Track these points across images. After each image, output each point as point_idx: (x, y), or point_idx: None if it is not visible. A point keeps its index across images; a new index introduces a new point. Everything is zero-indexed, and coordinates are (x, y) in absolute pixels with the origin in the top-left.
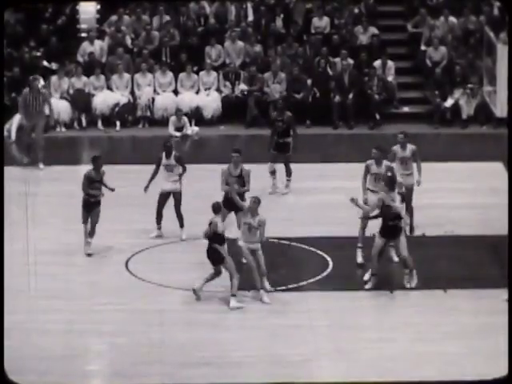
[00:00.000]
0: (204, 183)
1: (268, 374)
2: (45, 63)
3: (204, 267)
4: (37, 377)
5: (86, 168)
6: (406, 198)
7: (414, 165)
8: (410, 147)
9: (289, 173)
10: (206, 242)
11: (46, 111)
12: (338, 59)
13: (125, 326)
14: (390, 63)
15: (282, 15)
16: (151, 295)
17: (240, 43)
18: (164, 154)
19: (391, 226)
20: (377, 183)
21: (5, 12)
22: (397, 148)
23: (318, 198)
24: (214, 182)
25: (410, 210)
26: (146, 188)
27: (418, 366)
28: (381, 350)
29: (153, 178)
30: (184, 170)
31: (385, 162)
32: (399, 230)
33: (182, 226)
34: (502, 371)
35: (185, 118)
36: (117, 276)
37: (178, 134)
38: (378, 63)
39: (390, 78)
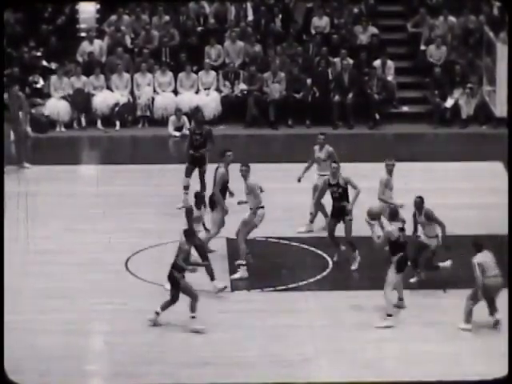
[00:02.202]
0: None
1: (267, 374)
2: (44, 63)
3: (202, 267)
4: (36, 377)
5: (85, 168)
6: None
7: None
8: (327, 149)
9: (203, 187)
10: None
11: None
12: (337, 59)
13: (124, 326)
14: (390, 63)
15: (281, 15)
16: (151, 295)
17: (240, 43)
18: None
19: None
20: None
21: (4, 12)
22: (315, 148)
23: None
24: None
25: (315, 208)
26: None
27: (417, 366)
28: (380, 350)
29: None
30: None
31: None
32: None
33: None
34: (500, 371)
35: (184, 118)
36: (116, 276)
37: (177, 133)
38: (377, 63)
39: (389, 78)
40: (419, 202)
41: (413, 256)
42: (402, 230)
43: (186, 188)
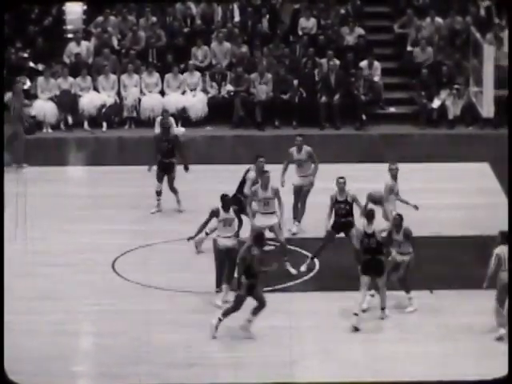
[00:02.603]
0: (190, 184)
1: (254, 375)
2: (31, 64)
3: (190, 268)
4: (25, 377)
5: (72, 169)
6: (302, 198)
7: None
8: (306, 149)
9: (175, 192)
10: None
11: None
12: (324, 60)
13: (112, 327)
14: (377, 64)
15: (268, 16)
16: (138, 296)
17: (226, 44)
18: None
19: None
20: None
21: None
22: (293, 150)
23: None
24: (200, 182)
25: (302, 209)
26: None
27: (404, 366)
28: (367, 351)
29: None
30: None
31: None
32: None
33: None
34: (487, 372)
35: (171, 119)
36: (104, 277)
37: None
38: (364, 64)
39: (376, 79)
40: (399, 220)
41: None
42: (371, 235)
43: (159, 193)
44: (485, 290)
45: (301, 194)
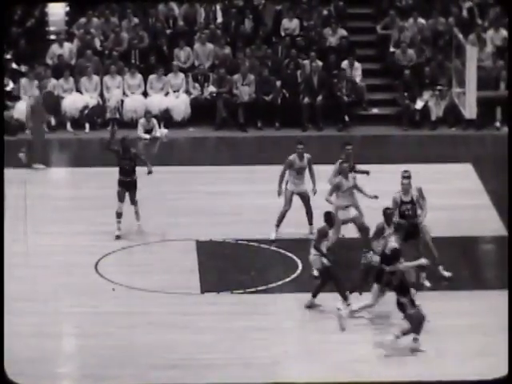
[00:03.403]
0: (173, 185)
1: (237, 376)
2: (14, 66)
3: (173, 269)
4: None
5: (55, 170)
6: (306, 204)
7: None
8: (307, 157)
9: (135, 204)
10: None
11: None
12: (307, 61)
13: (94, 328)
14: (357, 64)
15: (251, 17)
16: (121, 297)
17: (209, 45)
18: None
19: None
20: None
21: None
22: (294, 158)
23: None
24: (182, 184)
25: (310, 214)
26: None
27: (388, 367)
28: (350, 352)
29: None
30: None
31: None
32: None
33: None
34: (474, 372)
35: (154, 120)
36: (86, 278)
37: (147, 136)
38: (345, 64)
39: (357, 79)
40: (390, 214)
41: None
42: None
43: (120, 216)
44: (468, 292)
45: (303, 201)
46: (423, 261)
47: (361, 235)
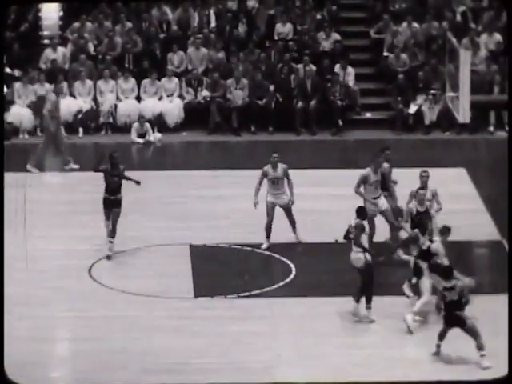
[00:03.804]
0: (166, 190)
1: (230, 381)
2: (8, 70)
3: (166, 274)
4: None
5: (49, 175)
6: (288, 215)
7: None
8: (282, 167)
9: (114, 233)
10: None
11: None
12: (300, 65)
13: (87, 333)
14: (350, 68)
15: (244, 21)
16: (114, 302)
17: (203, 49)
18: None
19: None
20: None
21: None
22: (268, 168)
23: None
24: (176, 188)
25: (293, 224)
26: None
27: (382, 371)
28: (344, 357)
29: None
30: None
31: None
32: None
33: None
34: (465, 376)
35: (147, 125)
36: (80, 282)
37: (140, 140)
38: (337, 68)
39: (350, 83)
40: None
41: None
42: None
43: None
44: None
45: (285, 212)
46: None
47: (390, 227)
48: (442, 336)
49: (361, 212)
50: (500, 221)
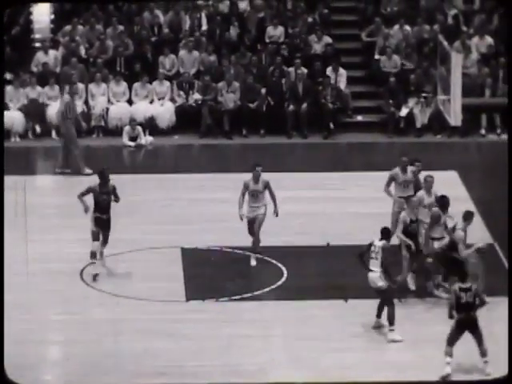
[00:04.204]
0: (158, 193)
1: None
2: None
3: (158, 277)
4: None
5: (41, 178)
6: (256, 227)
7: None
8: (263, 180)
9: (101, 254)
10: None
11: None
12: (291, 68)
13: (80, 336)
14: (342, 70)
15: (236, 24)
16: (106, 305)
17: (194, 53)
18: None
19: None
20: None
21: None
22: (249, 181)
23: (272, 208)
24: (167, 191)
25: (257, 239)
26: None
27: (372, 374)
28: (336, 360)
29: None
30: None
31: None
32: None
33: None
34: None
35: (139, 128)
36: (72, 286)
37: (132, 143)
38: (329, 70)
39: (342, 85)
40: (446, 202)
41: None
42: None
43: (94, 256)
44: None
45: (254, 224)
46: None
47: None
48: (452, 341)
49: (386, 233)
50: (492, 224)
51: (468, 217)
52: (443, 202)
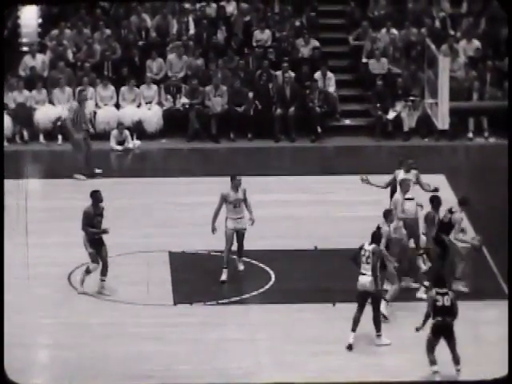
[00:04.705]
0: (145, 197)
1: None
2: None
3: (146, 281)
4: None
5: (28, 182)
6: (239, 239)
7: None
8: (243, 189)
9: (107, 271)
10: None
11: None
12: (279, 72)
13: (68, 340)
14: (330, 74)
15: (223, 28)
16: (94, 309)
17: (182, 56)
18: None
19: None
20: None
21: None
22: (228, 191)
23: (259, 212)
24: (155, 195)
25: (241, 251)
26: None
27: (360, 378)
28: (323, 363)
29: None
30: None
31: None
32: None
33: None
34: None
35: (126, 132)
36: (59, 289)
37: (119, 147)
38: (317, 74)
39: (330, 89)
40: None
41: None
42: None
43: (89, 272)
44: None
45: (237, 236)
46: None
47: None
48: (432, 348)
49: (376, 237)
50: (479, 227)
51: (464, 202)
52: (436, 203)
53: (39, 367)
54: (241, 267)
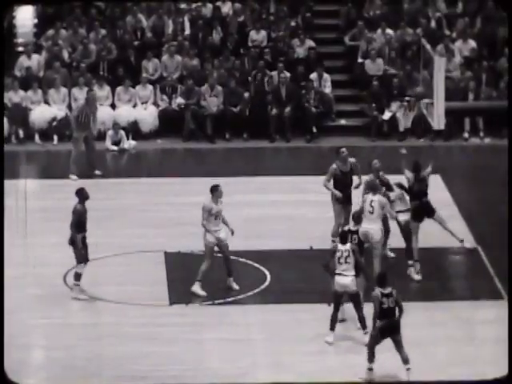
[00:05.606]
0: (141, 197)
1: None
2: None
3: (140, 281)
4: None
5: (23, 182)
6: (225, 253)
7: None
8: (221, 200)
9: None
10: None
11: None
12: (274, 72)
13: (62, 340)
14: (326, 75)
15: (219, 28)
16: (88, 309)
17: (177, 57)
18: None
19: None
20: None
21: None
22: (209, 202)
23: (255, 212)
24: (151, 195)
25: (229, 265)
26: None
27: (354, 378)
28: (319, 363)
29: None
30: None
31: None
32: None
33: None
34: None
35: (122, 132)
36: (54, 290)
37: (115, 147)
38: (314, 75)
39: (326, 90)
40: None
41: None
42: None
43: (80, 277)
44: (434, 303)
45: (221, 250)
46: None
47: None
48: (372, 347)
49: (344, 237)
50: (474, 227)
51: (416, 168)
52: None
53: (31, 368)
54: (235, 287)
